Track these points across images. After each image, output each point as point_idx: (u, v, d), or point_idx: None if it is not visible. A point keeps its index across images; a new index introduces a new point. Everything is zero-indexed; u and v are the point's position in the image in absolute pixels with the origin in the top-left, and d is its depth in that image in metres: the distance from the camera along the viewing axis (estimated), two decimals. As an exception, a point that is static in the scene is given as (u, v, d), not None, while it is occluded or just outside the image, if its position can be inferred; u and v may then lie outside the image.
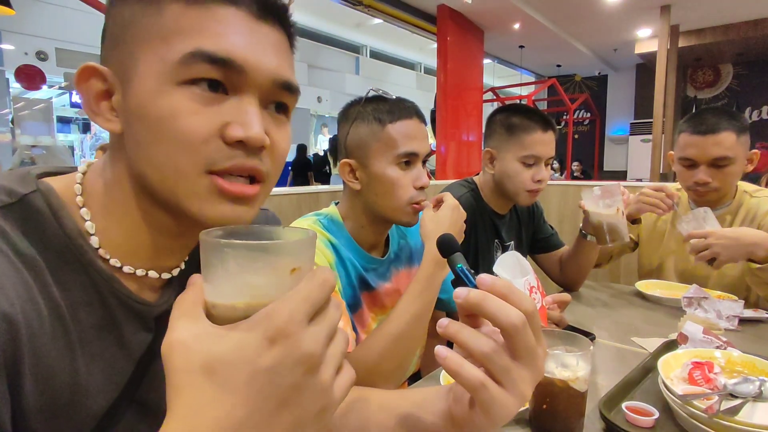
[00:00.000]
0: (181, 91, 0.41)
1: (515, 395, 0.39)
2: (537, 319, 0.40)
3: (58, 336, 0.42)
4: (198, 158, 0.42)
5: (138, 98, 0.42)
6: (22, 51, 7.41)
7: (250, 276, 0.31)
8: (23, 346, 0.38)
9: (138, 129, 0.42)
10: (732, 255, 1.18)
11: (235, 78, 0.42)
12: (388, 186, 0.95)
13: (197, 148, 0.41)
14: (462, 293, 0.40)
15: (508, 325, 0.38)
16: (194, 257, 0.55)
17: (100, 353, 0.45)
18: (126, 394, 0.48)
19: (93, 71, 0.44)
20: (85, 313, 0.44)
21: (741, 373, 0.76)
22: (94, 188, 0.47)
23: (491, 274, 0.45)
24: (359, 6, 5.90)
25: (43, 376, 0.40)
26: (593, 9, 6.58)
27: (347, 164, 0.98)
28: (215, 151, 0.42)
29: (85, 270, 0.45)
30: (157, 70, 0.41)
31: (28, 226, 0.42)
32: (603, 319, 1.24)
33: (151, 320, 0.50)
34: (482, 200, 1.44)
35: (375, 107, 0.96)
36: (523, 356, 0.39)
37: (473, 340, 0.39)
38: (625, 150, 10.73)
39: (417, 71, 12.54)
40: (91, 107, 0.44)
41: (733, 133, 1.32)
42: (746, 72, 9.38)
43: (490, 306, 0.38)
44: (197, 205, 0.43)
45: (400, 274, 1.08)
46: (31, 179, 0.45)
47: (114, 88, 0.44)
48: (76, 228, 0.45)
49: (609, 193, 1.24)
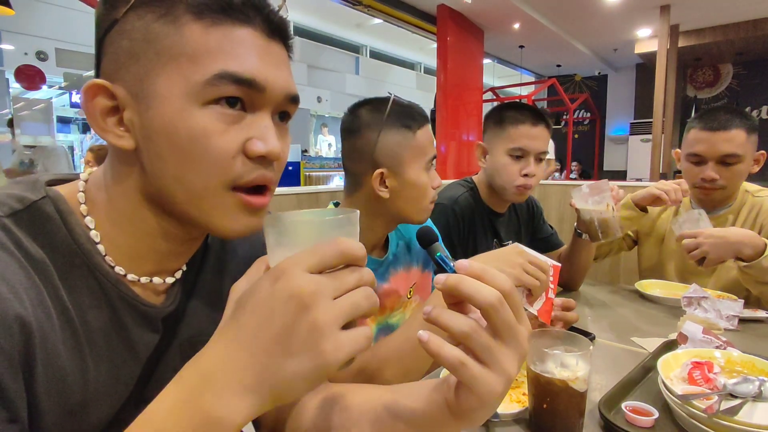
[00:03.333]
0: (208, 111, 0.43)
1: (498, 372, 0.39)
2: (515, 297, 0.40)
3: (67, 338, 0.43)
4: (225, 175, 0.45)
5: (164, 117, 0.43)
6: (21, 51, 7.41)
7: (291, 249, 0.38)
8: (36, 348, 0.40)
9: (164, 147, 0.44)
10: (720, 254, 1.20)
11: (255, 96, 0.45)
12: (420, 191, 0.97)
13: (226, 165, 0.44)
14: (441, 278, 0.41)
15: (484, 302, 0.38)
16: (194, 260, 0.57)
17: (108, 355, 0.47)
18: (135, 394, 0.50)
19: (99, 89, 0.44)
20: (93, 316, 0.46)
21: (741, 373, 0.76)
22: (97, 198, 0.48)
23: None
24: (359, 6, 5.91)
25: (55, 378, 0.42)
26: (593, 9, 6.58)
27: (380, 174, 0.95)
28: (240, 166, 0.45)
29: (93, 274, 0.46)
30: (183, 90, 0.43)
31: (38, 231, 0.44)
32: (603, 319, 1.24)
33: (158, 321, 0.52)
34: (481, 200, 1.44)
35: (399, 114, 0.96)
36: (504, 333, 0.39)
37: (453, 320, 0.39)
38: (624, 150, 10.72)
39: (417, 71, 12.54)
40: (99, 124, 0.45)
41: (744, 131, 1.33)
42: (746, 72, 9.38)
43: (466, 287, 0.39)
44: (223, 221, 0.46)
45: (399, 276, 1.08)
46: (40, 186, 0.47)
47: (125, 105, 0.45)
48: (84, 233, 0.46)
49: (597, 190, 1.24)
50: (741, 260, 1.20)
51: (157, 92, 0.43)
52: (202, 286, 0.58)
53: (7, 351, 0.37)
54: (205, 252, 0.59)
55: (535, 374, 0.67)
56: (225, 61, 0.43)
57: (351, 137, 0.99)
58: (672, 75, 7.36)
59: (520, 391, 0.77)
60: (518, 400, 0.75)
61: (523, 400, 0.75)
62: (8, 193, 0.45)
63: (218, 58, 0.43)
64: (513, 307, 0.40)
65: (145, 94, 0.43)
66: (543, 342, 0.69)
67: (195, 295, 0.57)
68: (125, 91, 0.44)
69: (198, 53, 0.43)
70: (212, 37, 0.43)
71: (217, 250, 0.60)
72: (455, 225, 1.34)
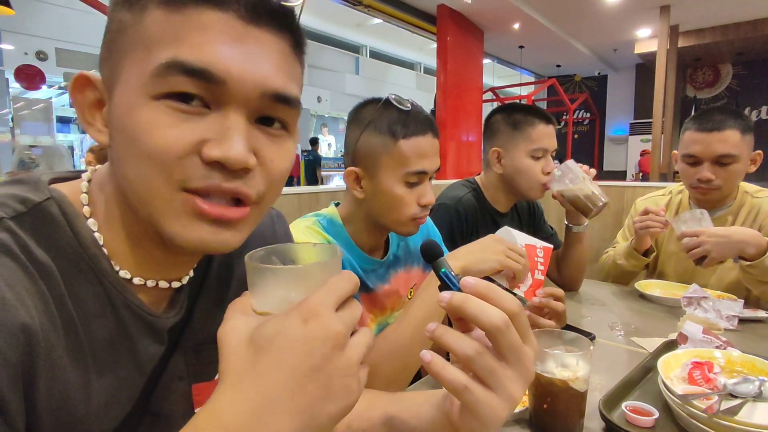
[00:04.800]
0: (157, 104, 0.38)
1: (503, 397, 0.38)
2: (522, 318, 0.39)
3: (71, 349, 0.41)
4: (171, 175, 0.39)
5: (117, 110, 0.40)
6: (22, 51, 7.41)
7: (287, 292, 0.37)
8: (40, 358, 0.38)
9: (118, 143, 0.41)
10: (722, 253, 1.21)
11: (216, 91, 0.39)
12: (393, 202, 0.93)
13: (170, 163, 0.38)
14: (445, 297, 0.40)
15: (490, 325, 0.37)
16: (200, 267, 0.54)
17: (112, 366, 0.44)
18: (139, 406, 0.47)
19: (86, 81, 0.43)
20: (97, 325, 0.43)
21: (741, 373, 0.76)
22: (98, 200, 0.46)
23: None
24: (359, 6, 5.91)
25: (57, 391, 0.39)
26: (593, 9, 6.58)
27: (353, 172, 0.95)
28: (190, 168, 0.39)
29: (99, 280, 0.43)
30: (136, 82, 0.39)
31: (43, 234, 0.41)
32: (603, 319, 1.24)
33: (163, 332, 0.49)
34: (484, 199, 1.44)
35: (390, 116, 0.92)
36: (509, 356, 0.38)
37: (457, 342, 0.38)
38: (624, 150, 10.73)
39: (417, 71, 12.55)
40: (86, 117, 0.43)
41: (738, 131, 1.34)
42: (746, 72, 9.39)
43: (472, 308, 0.38)
44: (175, 226, 0.40)
45: (399, 276, 1.08)
46: (43, 186, 0.44)
47: (105, 99, 0.43)
48: (90, 236, 0.44)
49: (568, 170, 1.32)
50: (744, 260, 1.21)
51: (119, 84, 0.40)
52: (208, 293, 0.55)
53: (11, 362, 0.35)
54: (210, 258, 0.56)
55: (536, 374, 0.67)
56: (178, 49, 0.37)
57: (346, 132, 1.01)
58: (672, 75, 7.36)
59: (521, 391, 0.77)
60: (518, 400, 0.75)
61: (523, 400, 0.75)
62: (10, 194, 0.42)
63: (171, 46, 0.37)
64: (519, 329, 0.39)
65: (113, 87, 0.41)
66: (543, 342, 0.69)
67: (200, 302, 0.54)
68: (102, 84, 0.42)
69: (153, 41, 0.38)
70: (171, 23, 0.38)
71: (221, 257, 0.57)
72: (458, 225, 1.35)
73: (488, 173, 1.45)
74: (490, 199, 1.45)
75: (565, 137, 9.72)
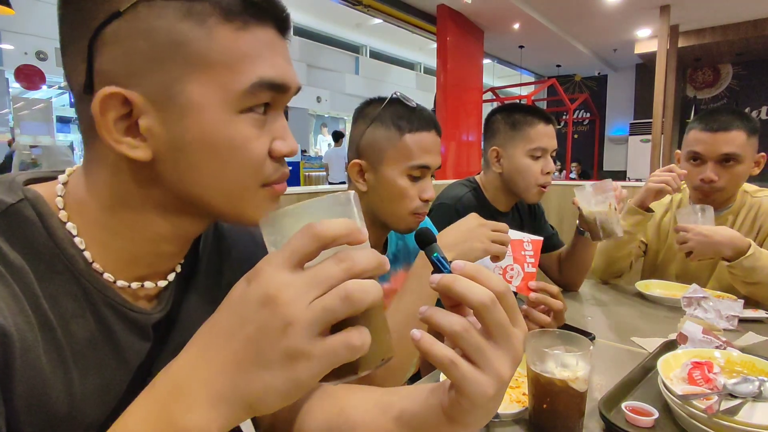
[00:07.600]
0: (244, 118, 0.43)
1: (490, 374, 0.38)
2: (510, 298, 0.40)
3: (50, 350, 0.41)
4: (259, 176, 0.45)
5: (203, 126, 0.41)
6: (21, 51, 7.42)
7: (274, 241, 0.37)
8: (16, 360, 0.37)
9: (200, 156, 0.42)
10: (703, 251, 1.25)
11: (280, 98, 0.45)
12: (395, 193, 0.95)
13: (259, 168, 0.45)
14: (435, 278, 0.40)
15: (477, 302, 0.38)
16: (186, 264, 0.55)
17: (95, 365, 0.45)
18: (124, 403, 0.46)
19: (122, 100, 0.40)
20: (77, 326, 0.43)
21: (740, 373, 0.76)
22: (84, 203, 0.45)
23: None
24: (359, 6, 5.91)
25: (36, 392, 0.39)
26: (593, 9, 6.58)
27: (357, 164, 0.97)
28: (267, 167, 0.46)
29: (77, 280, 0.43)
30: (221, 99, 0.41)
31: (17, 236, 0.41)
32: (603, 319, 1.24)
33: (148, 328, 0.49)
34: (485, 199, 1.44)
35: (395, 112, 0.95)
36: (496, 334, 0.39)
37: (445, 319, 0.39)
38: (624, 150, 10.73)
39: (417, 71, 12.55)
40: (113, 135, 0.40)
41: (744, 132, 1.34)
42: (746, 72, 9.39)
43: (459, 287, 0.39)
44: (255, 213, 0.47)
45: (398, 275, 1.09)
46: (17, 187, 0.43)
47: (141, 113, 0.40)
48: (66, 237, 0.43)
49: (601, 189, 1.25)
50: (725, 260, 1.24)
51: (191, 101, 0.40)
52: (195, 290, 0.56)
53: None
54: (197, 256, 0.57)
55: (535, 374, 0.67)
56: (261, 68, 0.42)
57: (351, 128, 1.02)
58: (672, 75, 7.37)
59: (520, 391, 0.77)
60: (518, 400, 0.75)
61: (523, 400, 0.75)
62: None
63: (254, 65, 0.42)
64: (507, 309, 0.39)
65: (175, 103, 0.40)
66: (543, 342, 0.69)
67: (187, 299, 0.55)
68: (144, 99, 0.40)
69: (233, 60, 0.41)
70: (242, 41, 0.42)
71: (209, 253, 0.58)
72: None
73: (488, 173, 1.45)
74: (490, 198, 1.45)
75: (565, 137, 9.72)
